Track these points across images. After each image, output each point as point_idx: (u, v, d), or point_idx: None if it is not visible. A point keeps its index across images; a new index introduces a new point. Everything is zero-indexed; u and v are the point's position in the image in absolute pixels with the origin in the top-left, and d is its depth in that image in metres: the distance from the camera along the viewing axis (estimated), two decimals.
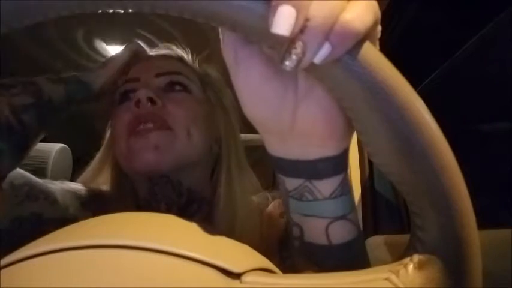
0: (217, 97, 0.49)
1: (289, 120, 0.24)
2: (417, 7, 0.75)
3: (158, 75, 0.44)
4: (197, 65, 0.52)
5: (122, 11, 0.18)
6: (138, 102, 0.41)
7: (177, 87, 0.45)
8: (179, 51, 0.52)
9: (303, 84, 0.23)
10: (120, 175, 0.47)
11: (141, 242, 0.17)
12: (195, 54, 0.53)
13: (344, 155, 0.25)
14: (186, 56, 0.52)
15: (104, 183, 0.50)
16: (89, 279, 0.15)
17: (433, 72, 0.74)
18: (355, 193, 0.89)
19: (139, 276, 0.15)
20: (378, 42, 0.20)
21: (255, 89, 0.23)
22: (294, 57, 0.17)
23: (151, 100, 0.41)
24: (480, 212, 0.20)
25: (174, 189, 0.44)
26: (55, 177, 0.86)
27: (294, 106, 0.23)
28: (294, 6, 0.16)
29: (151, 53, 0.50)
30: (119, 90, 0.45)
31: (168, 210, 0.43)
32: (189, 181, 0.45)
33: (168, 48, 0.52)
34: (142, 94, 0.40)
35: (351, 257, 0.26)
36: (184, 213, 0.44)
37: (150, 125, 0.40)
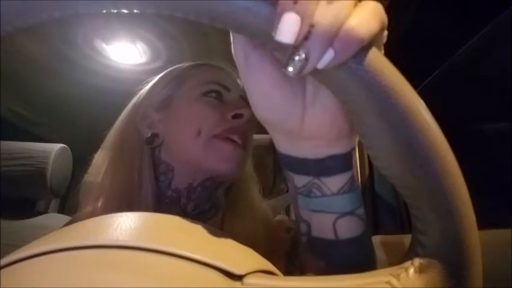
0: None
1: (298, 123, 0.24)
2: (417, 7, 0.75)
3: (242, 97, 0.47)
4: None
5: (126, 12, 0.18)
6: (240, 117, 0.43)
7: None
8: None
9: (311, 88, 0.24)
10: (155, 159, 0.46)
11: (142, 243, 0.17)
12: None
13: (353, 153, 0.25)
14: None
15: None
16: (89, 279, 0.15)
17: (433, 72, 0.74)
18: None
19: (140, 277, 0.15)
20: (383, 47, 0.20)
21: (265, 93, 0.23)
22: (297, 63, 0.17)
23: (249, 122, 0.44)
24: (480, 212, 0.20)
25: (209, 194, 0.46)
26: (55, 177, 0.87)
27: (302, 110, 0.24)
28: (298, 13, 0.15)
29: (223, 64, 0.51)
30: (208, 86, 0.46)
31: (193, 210, 0.45)
32: (221, 191, 0.48)
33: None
34: (249, 114, 0.43)
35: (358, 252, 0.26)
36: (202, 216, 0.46)
37: (240, 141, 0.43)
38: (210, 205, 0.46)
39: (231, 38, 0.23)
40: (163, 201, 0.45)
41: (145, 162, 0.45)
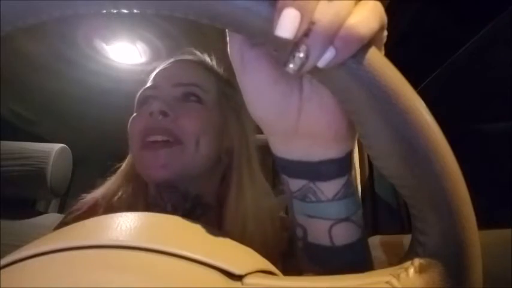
0: (231, 107, 0.50)
1: (294, 121, 0.24)
2: (417, 7, 0.75)
3: (175, 85, 0.47)
4: (220, 70, 0.53)
5: (126, 12, 0.18)
6: (151, 114, 0.43)
7: (192, 98, 0.47)
8: (200, 57, 0.53)
9: (308, 86, 0.23)
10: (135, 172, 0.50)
11: (143, 243, 0.17)
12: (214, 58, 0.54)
13: (348, 158, 0.25)
14: (209, 61, 0.53)
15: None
16: (89, 279, 0.15)
17: (433, 72, 0.74)
18: None
19: (140, 277, 0.15)
20: (383, 47, 0.20)
21: (261, 91, 0.23)
22: (297, 60, 0.17)
23: (163, 113, 0.43)
24: (480, 212, 0.20)
25: (181, 196, 0.46)
26: (55, 177, 0.87)
27: (298, 108, 0.24)
28: (299, 9, 0.16)
29: (172, 60, 0.52)
30: (139, 96, 0.48)
31: (173, 211, 0.45)
32: (196, 188, 0.47)
33: (191, 53, 0.54)
34: (156, 107, 0.43)
35: (354, 258, 0.26)
36: (189, 216, 0.44)
37: (159, 137, 0.43)
38: (191, 204, 0.46)
39: (227, 38, 0.23)
40: (152, 202, 0.47)
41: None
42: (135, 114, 0.48)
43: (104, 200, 0.48)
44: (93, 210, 0.48)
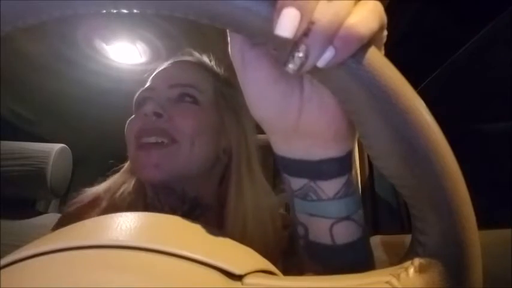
0: (230, 107, 0.50)
1: (294, 120, 0.24)
2: (417, 7, 0.75)
3: (171, 86, 0.47)
4: (220, 70, 0.54)
5: (126, 12, 0.18)
6: (145, 115, 0.43)
7: (187, 99, 0.47)
8: (199, 58, 0.54)
9: (308, 86, 0.23)
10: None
11: (143, 243, 0.17)
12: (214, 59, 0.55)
13: (348, 157, 0.25)
14: (208, 62, 0.54)
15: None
16: (89, 279, 0.15)
17: (433, 72, 0.74)
18: None
19: (140, 277, 0.15)
20: (383, 47, 0.20)
21: (261, 90, 0.23)
22: (297, 60, 0.17)
23: (157, 114, 0.43)
24: (480, 212, 0.20)
25: (178, 197, 0.45)
26: (55, 177, 0.87)
27: (299, 107, 0.24)
28: (298, 9, 0.16)
29: (171, 61, 0.52)
30: (137, 98, 0.49)
31: (171, 213, 0.44)
32: (194, 189, 0.47)
33: (189, 54, 0.54)
34: (150, 109, 0.43)
35: (355, 257, 0.26)
36: (188, 217, 0.45)
37: (153, 139, 0.43)
38: (189, 206, 0.46)
39: (228, 38, 0.23)
40: (150, 203, 0.47)
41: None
42: (133, 116, 0.48)
43: (106, 195, 0.48)
44: (94, 204, 0.48)
